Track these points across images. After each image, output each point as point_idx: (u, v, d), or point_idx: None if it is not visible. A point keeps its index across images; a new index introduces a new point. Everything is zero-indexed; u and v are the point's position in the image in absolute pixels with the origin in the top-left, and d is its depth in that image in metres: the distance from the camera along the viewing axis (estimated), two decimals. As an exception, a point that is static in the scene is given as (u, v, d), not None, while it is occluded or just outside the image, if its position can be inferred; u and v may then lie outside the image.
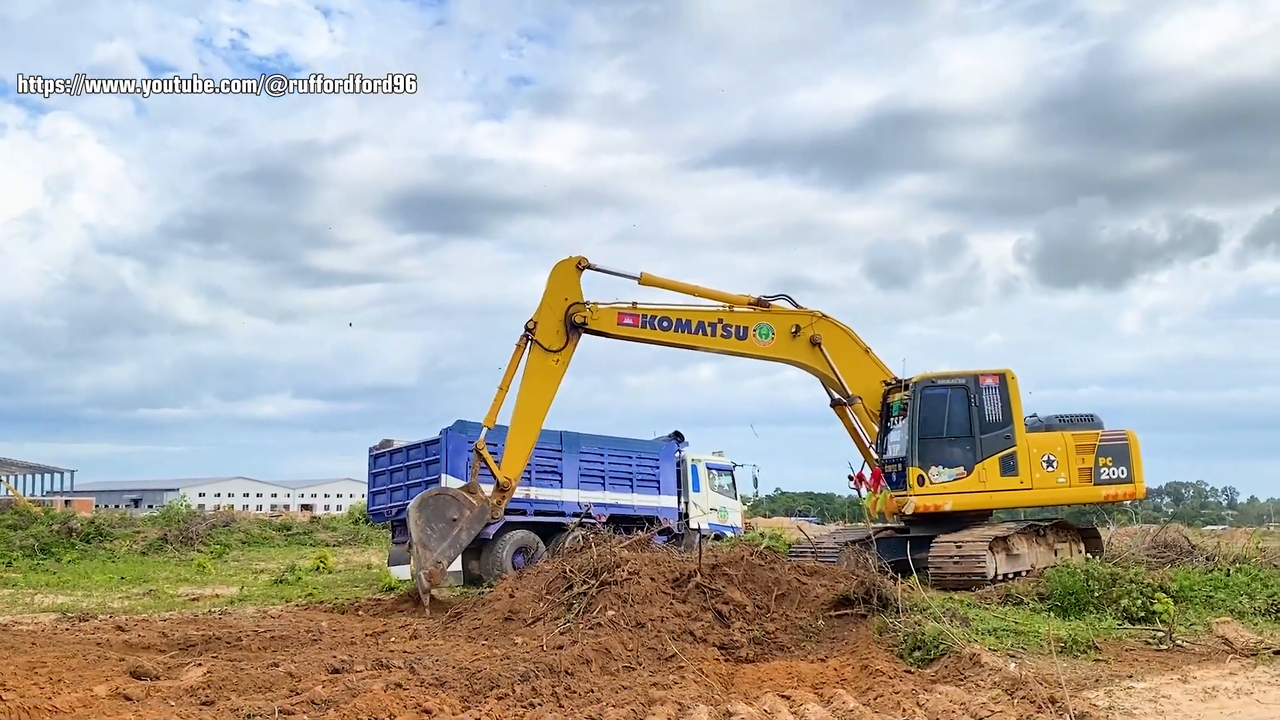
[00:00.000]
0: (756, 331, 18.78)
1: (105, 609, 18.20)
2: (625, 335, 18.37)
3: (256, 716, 8.20)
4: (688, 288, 18.83)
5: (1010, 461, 18.21)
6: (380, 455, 24.34)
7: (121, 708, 8.48)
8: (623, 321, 18.18)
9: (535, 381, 17.89)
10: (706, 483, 28.09)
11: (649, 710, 8.21)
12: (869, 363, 19.44)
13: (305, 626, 14.69)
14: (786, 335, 18.89)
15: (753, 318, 18.81)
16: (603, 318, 18.05)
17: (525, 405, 17.90)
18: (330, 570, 27.41)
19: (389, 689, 8.91)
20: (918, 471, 17.97)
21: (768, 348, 18.88)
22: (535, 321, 17.86)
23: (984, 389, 18.39)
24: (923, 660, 10.68)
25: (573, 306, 17.85)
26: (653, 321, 18.36)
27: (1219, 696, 9.19)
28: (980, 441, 18.16)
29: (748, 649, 12.01)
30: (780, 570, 14.32)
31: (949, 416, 18.33)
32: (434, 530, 16.96)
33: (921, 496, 17.86)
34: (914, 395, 18.28)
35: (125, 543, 34.41)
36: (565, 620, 12.67)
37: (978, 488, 18.04)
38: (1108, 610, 13.11)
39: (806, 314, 19.14)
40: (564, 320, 17.85)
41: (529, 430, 18.17)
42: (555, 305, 17.93)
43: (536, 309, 17.97)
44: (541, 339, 17.79)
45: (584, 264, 18.09)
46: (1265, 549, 18.56)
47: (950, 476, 18.03)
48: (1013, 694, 8.60)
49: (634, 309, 18.26)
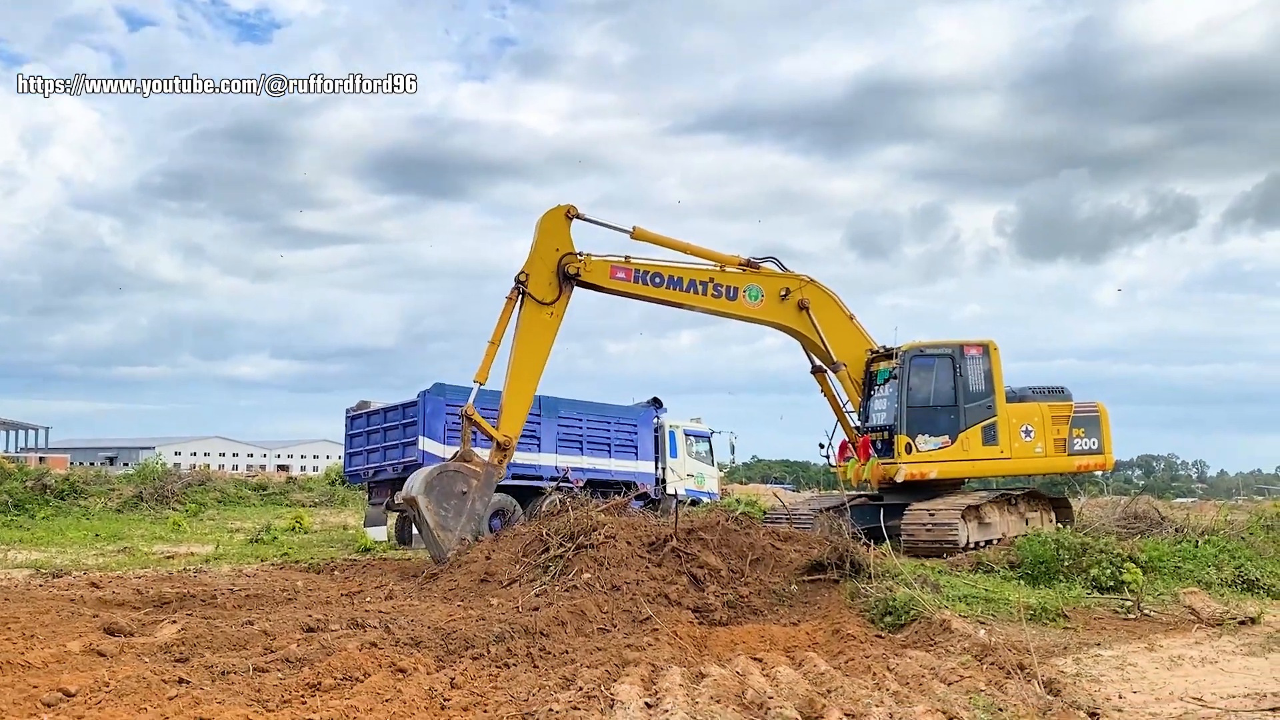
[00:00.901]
0: (746, 293, 18.72)
1: (79, 566, 18.14)
2: (617, 289, 18.14)
3: (231, 674, 8.21)
4: (680, 245, 18.71)
5: (991, 431, 18.37)
6: (357, 417, 24.28)
7: (95, 664, 8.47)
8: (615, 275, 17.94)
9: (530, 335, 17.50)
10: (684, 449, 28.18)
11: (623, 671, 8.27)
12: (853, 330, 19.49)
13: (280, 586, 14.69)
14: (775, 298, 18.86)
15: (743, 279, 18.76)
16: (595, 270, 17.75)
17: (521, 360, 17.51)
18: (306, 530, 27.41)
19: (364, 648, 8.94)
20: (905, 440, 18.07)
21: (757, 309, 18.85)
22: (526, 273, 17.43)
23: (968, 359, 18.51)
24: (894, 625, 10.79)
25: (565, 257, 17.48)
26: (645, 277, 18.16)
27: (1184, 665, 9.33)
28: (964, 411, 18.29)
29: (721, 612, 12.10)
30: (755, 536, 14.40)
31: (936, 385, 18.45)
32: (448, 509, 16.43)
33: (910, 464, 17.98)
34: (903, 363, 18.36)
35: (100, 500, 34.28)
36: (541, 582, 12.72)
37: (961, 456, 18.20)
38: (1077, 579, 13.29)
39: (795, 278, 19.14)
40: (556, 271, 17.48)
41: (526, 386, 17.76)
42: (546, 256, 17.54)
43: (527, 260, 17.54)
44: (534, 291, 17.38)
45: (573, 213, 17.75)
46: (1233, 522, 18.80)
47: (935, 445, 18.17)
48: (982, 660, 8.71)
49: (627, 263, 18.03)
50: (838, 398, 19.69)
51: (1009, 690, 7.68)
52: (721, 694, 7.42)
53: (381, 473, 23.30)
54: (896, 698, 7.41)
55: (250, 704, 7.18)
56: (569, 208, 17.76)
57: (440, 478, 16.67)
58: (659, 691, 7.54)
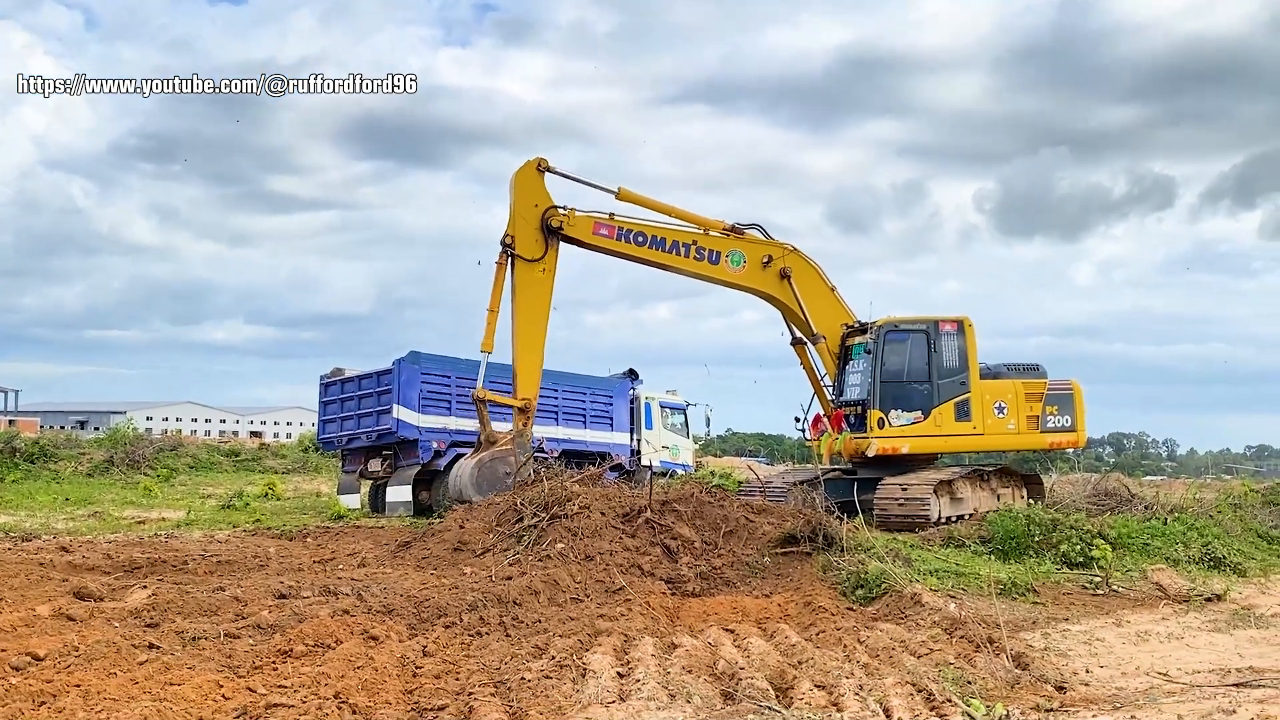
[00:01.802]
0: (729, 258, 18.69)
1: (49, 530, 18.02)
2: (600, 245, 18.05)
3: (202, 640, 8.18)
4: (665, 207, 18.67)
5: (964, 407, 18.44)
6: (332, 384, 24.17)
7: (64, 628, 8.42)
8: (598, 231, 17.87)
9: (527, 296, 17.47)
10: (659, 421, 28.24)
11: (595, 641, 8.28)
12: (834, 302, 19.46)
13: (252, 552, 14.64)
14: (758, 264, 18.82)
15: (726, 244, 18.73)
16: (579, 224, 17.69)
17: (524, 322, 17.49)
18: (279, 497, 27.33)
19: (336, 615, 8.92)
20: (878, 414, 18.13)
21: (738, 275, 18.82)
22: (511, 235, 17.38)
23: (943, 335, 18.55)
24: (865, 598, 10.86)
25: (548, 210, 17.43)
26: (628, 235, 18.10)
27: (1151, 640, 9.44)
28: (938, 387, 18.34)
29: (694, 584, 12.14)
30: (729, 508, 14.44)
31: (910, 361, 18.49)
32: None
33: (882, 439, 18.04)
34: (878, 338, 18.38)
35: (70, 464, 34.04)
36: (514, 552, 12.72)
37: (933, 431, 18.26)
38: (1047, 555, 13.39)
39: (779, 246, 19.11)
40: (540, 227, 17.41)
41: (534, 345, 17.72)
42: (527, 213, 17.47)
43: (509, 221, 17.49)
44: (522, 251, 17.33)
45: (544, 165, 17.66)
46: (1202, 500, 18.99)
47: (908, 420, 18.22)
48: (952, 633, 8.78)
49: (611, 220, 17.99)
50: (816, 370, 19.71)
51: (978, 663, 7.75)
52: (693, 664, 7.45)
53: (355, 440, 23.23)
54: (867, 670, 7.46)
55: (221, 670, 7.15)
56: (539, 160, 17.66)
57: (483, 470, 16.95)
58: (631, 661, 7.56)
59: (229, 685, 6.71)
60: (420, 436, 22.07)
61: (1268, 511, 18.87)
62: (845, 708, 6.45)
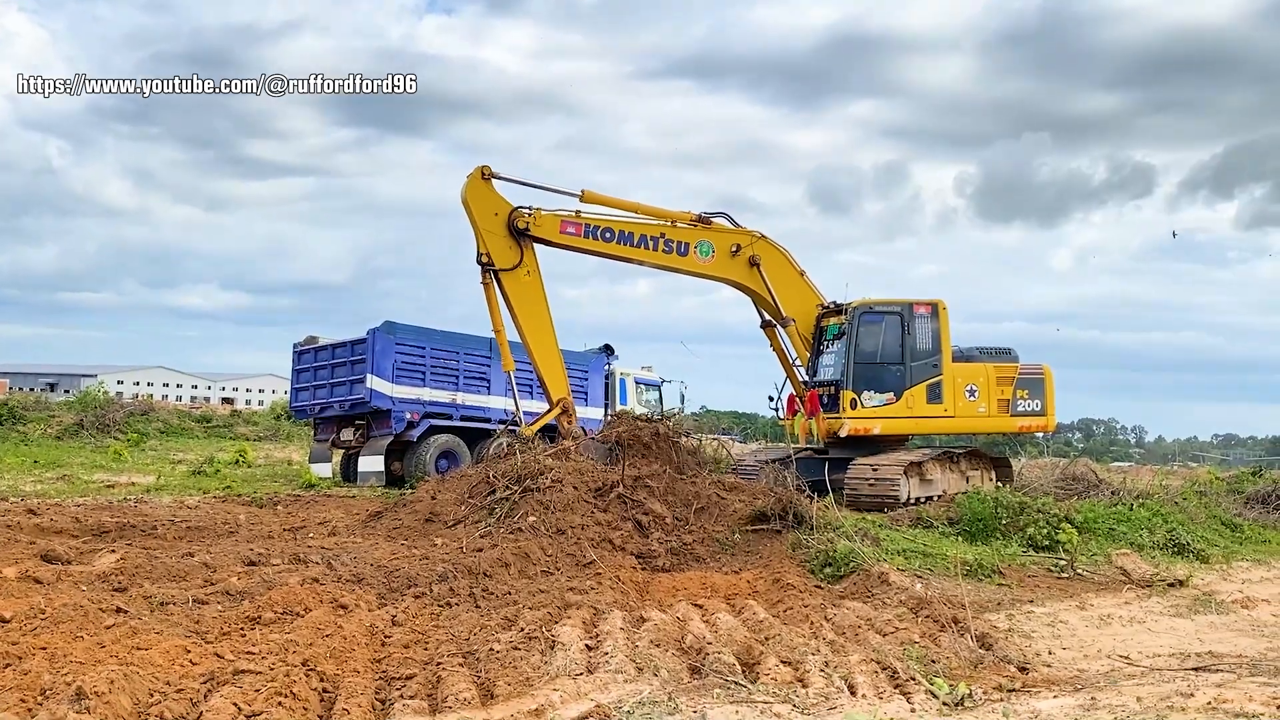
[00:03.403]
0: (697, 249, 18.68)
1: (17, 492, 17.89)
2: (567, 244, 17.95)
3: (170, 605, 8.16)
4: (630, 205, 18.53)
5: (936, 390, 18.55)
6: (305, 352, 24.03)
7: (31, 590, 8.38)
8: (565, 230, 17.74)
9: (523, 304, 17.46)
10: (634, 397, 28.25)
11: (564, 614, 8.32)
12: (804, 286, 19.53)
13: (222, 518, 14.58)
14: (726, 254, 18.84)
15: (694, 234, 18.69)
16: (545, 224, 17.57)
17: (531, 330, 17.54)
18: (249, 464, 27.20)
19: (305, 583, 8.92)
20: (851, 395, 18.23)
21: (707, 265, 18.83)
22: (484, 251, 17.23)
23: (917, 317, 18.64)
24: (833, 577, 10.95)
25: (512, 213, 17.30)
26: (595, 232, 18.00)
27: (1113, 624, 9.57)
28: (910, 369, 18.45)
29: (665, 559, 12.20)
30: (701, 484, 14.50)
31: (884, 343, 18.57)
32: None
33: (854, 420, 18.15)
34: (852, 320, 18.45)
35: (39, 426, 33.77)
36: (486, 524, 12.73)
37: (905, 413, 18.38)
38: (1014, 537, 13.52)
39: (746, 234, 19.12)
40: (507, 234, 17.29)
41: (550, 349, 17.82)
42: (490, 224, 17.30)
43: (477, 240, 17.31)
44: (500, 263, 17.20)
45: (488, 173, 17.41)
46: (1168, 487, 19.24)
47: (880, 401, 18.32)
48: (917, 613, 8.88)
49: (577, 217, 17.85)
50: (787, 353, 19.79)
51: (943, 643, 7.84)
52: (661, 638, 7.51)
53: (328, 409, 23.13)
54: (833, 647, 7.54)
55: (189, 635, 7.15)
56: (483, 169, 17.42)
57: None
58: (600, 634, 7.61)
59: (196, 650, 6.71)
60: (393, 407, 22.01)
61: (1232, 499, 19.16)
62: (810, 684, 6.52)
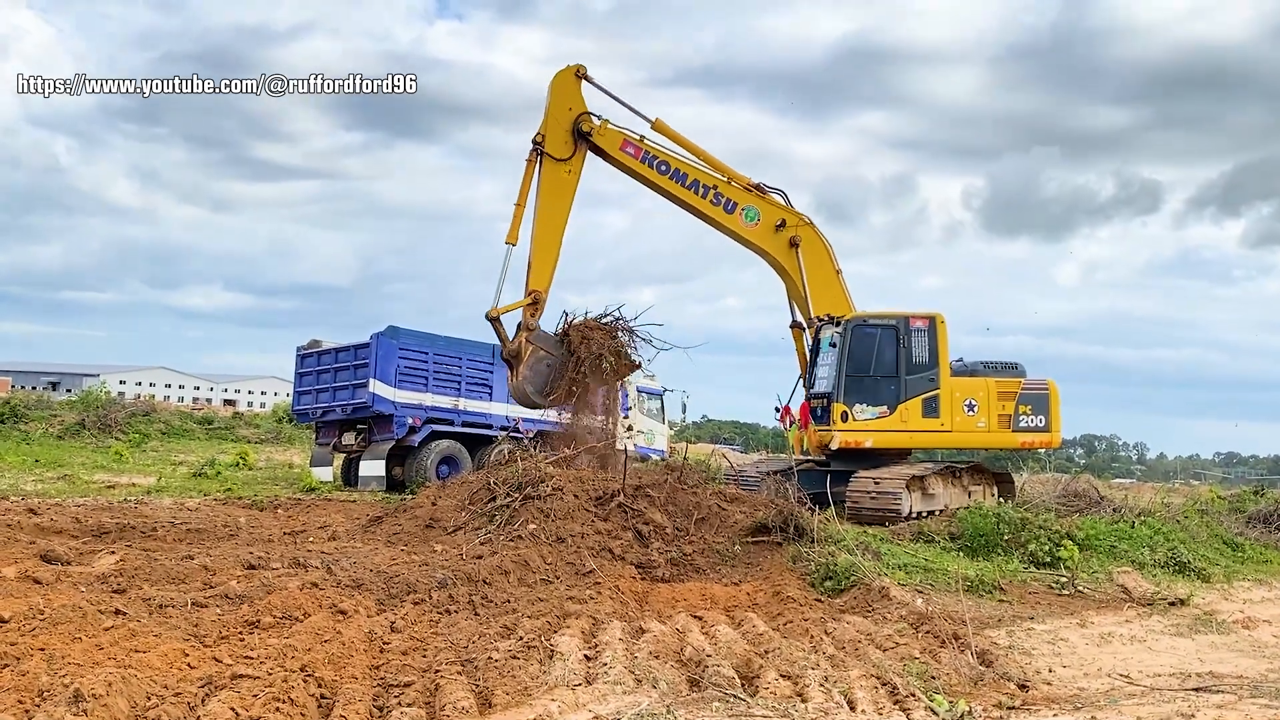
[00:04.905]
0: (744, 212, 18.81)
1: (17, 491, 17.89)
2: (623, 163, 18.36)
3: (169, 607, 8.15)
4: (698, 149, 18.87)
5: (933, 403, 18.46)
6: (308, 355, 24.05)
7: (30, 590, 8.38)
8: (625, 148, 18.21)
9: (550, 193, 17.86)
10: (636, 405, 28.23)
11: (563, 623, 8.30)
12: (837, 287, 19.31)
13: (222, 521, 14.58)
14: (770, 226, 18.92)
15: (746, 197, 18.85)
16: (609, 136, 18.10)
17: (544, 218, 17.86)
18: (251, 467, 27.21)
19: (305, 588, 8.90)
20: (842, 408, 18.19)
21: (749, 230, 18.92)
22: (542, 134, 17.80)
23: (913, 330, 18.57)
24: (833, 590, 10.92)
25: (581, 115, 17.88)
26: (653, 160, 18.40)
27: (1114, 642, 9.54)
28: (905, 382, 18.36)
29: (665, 569, 12.17)
30: (701, 495, 14.47)
31: (877, 356, 18.49)
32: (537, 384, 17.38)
33: (845, 433, 18.09)
34: (844, 332, 18.42)
35: (41, 425, 33.79)
36: (486, 531, 12.71)
37: (899, 427, 18.29)
38: (1015, 553, 13.48)
39: (795, 214, 19.15)
40: (571, 130, 17.86)
41: (551, 241, 18.05)
42: (560, 115, 17.90)
43: (542, 121, 17.93)
44: (551, 150, 17.72)
45: (582, 72, 18.10)
46: (1169, 505, 19.16)
47: (873, 415, 18.24)
48: (918, 628, 8.85)
49: (641, 141, 18.30)
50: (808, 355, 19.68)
51: (943, 659, 7.81)
52: (660, 650, 7.49)
53: (330, 413, 23.14)
54: (832, 661, 7.52)
55: (187, 638, 7.13)
56: (578, 67, 18.12)
57: (534, 370, 17.41)
58: (599, 645, 7.58)
59: (195, 654, 6.70)
60: (395, 412, 22.02)
61: (1233, 518, 19.08)
62: (810, 698, 6.49)
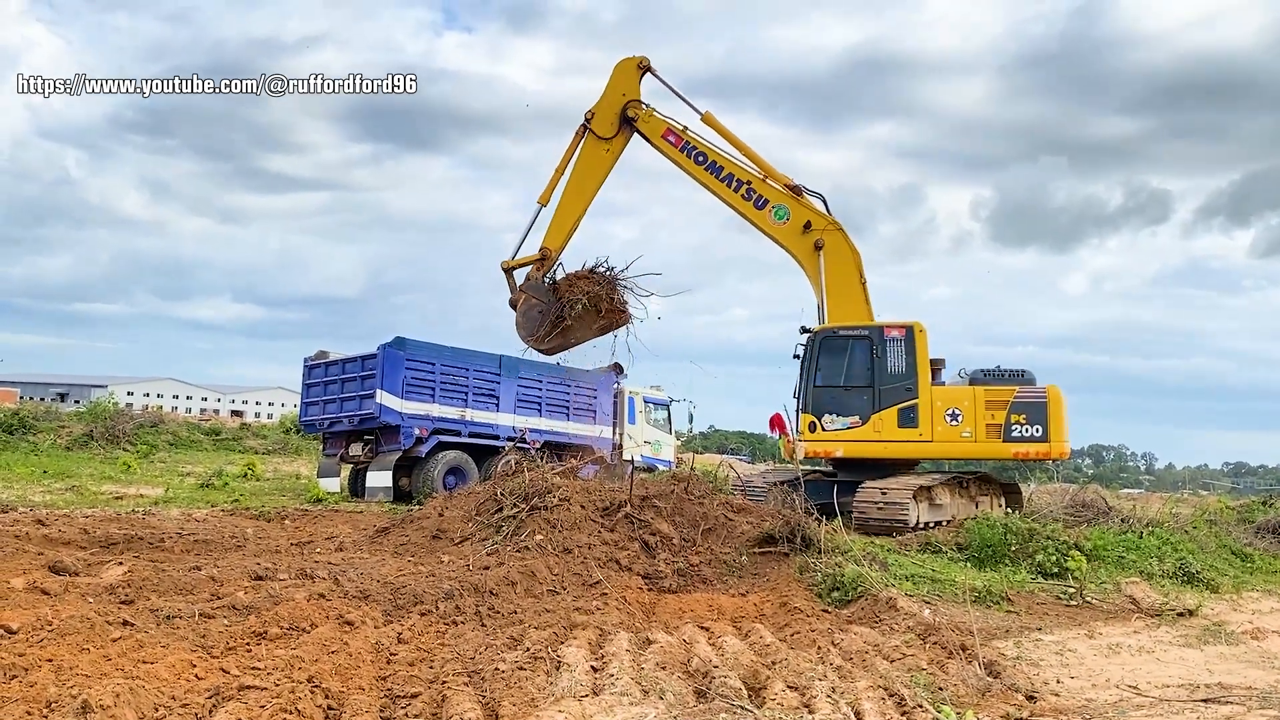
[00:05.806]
0: (774, 209, 19.29)
1: (26, 502, 17.93)
2: (663, 150, 19.58)
3: (176, 618, 8.16)
4: (742, 145, 19.63)
5: (910, 414, 18.26)
6: (316, 366, 24.12)
7: (38, 601, 8.40)
8: (666, 136, 19.49)
9: (587, 165, 19.51)
10: (642, 415, 28.27)
11: (570, 634, 8.30)
12: (859, 296, 19.20)
13: (230, 532, 14.60)
14: (798, 226, 19.23)
15: (779, 195, 19.35)
16: (652, 123, 19.51)
17: (574, 187, 19.45)
18: (258, 478, 27.25)
19: (312, 599, 8.91)
20: (809, 418, 18.23)
21: (776, 228, 19.32)
22: (593, 112, 19.49)
23: (888, 340, 18.46)
24: (840, 601, 10.89)
25: (630, 102, 19.47)
26: (691, 151, 19.48)
27: (1122, 653, 9.50)
28: (879, 392, 18.28)
29: (671, 580, 12.16)
30: (708, 505, 14.45)
31: (848, 366, 18.44)
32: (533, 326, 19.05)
33: (811, 443, 18.12)
34: (810, 344, 18.47)
35: (49, 436, 33.86)
36: (493, 542, 12.71)
37: (872, 437, 18.17)
38: (1023, 564, 13.45)
39: (825, 218, 19.31)
40: (619, 114, 19.46)
41: (575, 209, 19.54)
42: (613, 99, 19.58)
43: (596, 101, 19.57)
44: (596, 128, 19.47)
45: (644, 64, 19.69)
46: (1178, 515, 19.08)
47: (843, 425, 18.18)
48: (925, 639, 8.82)
49: (684, 132, 19.51)
50: None
51: (950, 670, 7.79)
52: (667, 661, 7.47)
53: (337, 424, 23.19)
54: (840, 672, 7.50)
55: (195, 649, 7.14)
56: (641, 58, 19.76)
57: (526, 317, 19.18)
58: (605, 656, 7.58)
59: (202, 665, 6.71)
60: (403, 423, 22.06)
61: (1242, 528, 19.02)
62: (817, 710, 6.48)
